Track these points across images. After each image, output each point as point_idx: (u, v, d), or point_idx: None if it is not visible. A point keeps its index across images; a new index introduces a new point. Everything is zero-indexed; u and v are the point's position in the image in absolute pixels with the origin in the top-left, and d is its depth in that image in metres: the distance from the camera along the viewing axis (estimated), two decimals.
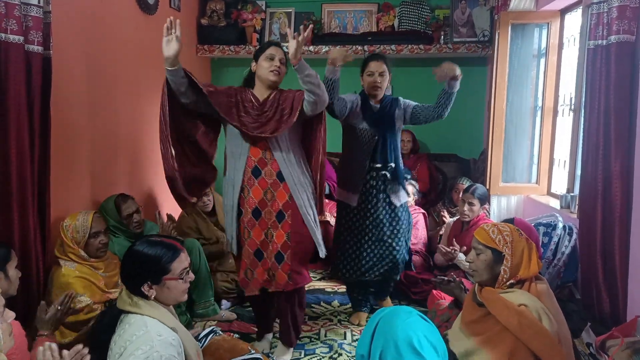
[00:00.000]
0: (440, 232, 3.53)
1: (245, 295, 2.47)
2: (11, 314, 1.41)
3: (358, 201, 2.72)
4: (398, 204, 2.75)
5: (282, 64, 2.37)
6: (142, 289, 1.63)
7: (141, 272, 1.64)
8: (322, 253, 2.47)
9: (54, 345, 1.42)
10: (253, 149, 2.34)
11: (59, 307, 1.90)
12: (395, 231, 2.77)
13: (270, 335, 2.66)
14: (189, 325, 2.68)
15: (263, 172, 2.35)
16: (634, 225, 2.30)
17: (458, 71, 2.54)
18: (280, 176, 2.35)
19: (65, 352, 1.43)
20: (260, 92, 2.39)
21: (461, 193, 3.24)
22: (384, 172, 2.69)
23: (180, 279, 1.69)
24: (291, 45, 2.21)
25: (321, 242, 2.46)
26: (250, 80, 2.45)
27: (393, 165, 2.71)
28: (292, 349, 2.54)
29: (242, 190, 2.36)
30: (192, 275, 1.74)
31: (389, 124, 2.70)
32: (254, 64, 2.41)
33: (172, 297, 1.70)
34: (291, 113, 2.32)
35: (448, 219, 3.54)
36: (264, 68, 2.34)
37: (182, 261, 1.70)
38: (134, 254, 1.68)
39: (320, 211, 2.51)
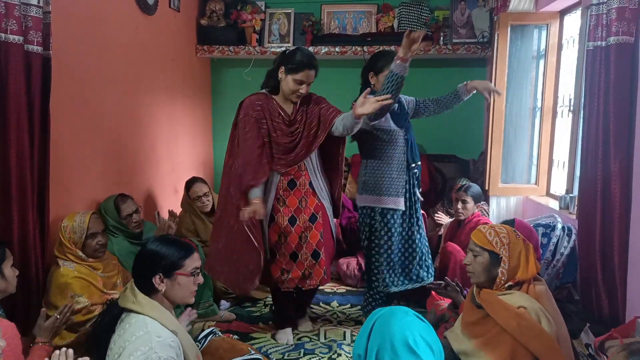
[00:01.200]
0: (440, 233, 3.54)
1: (282, 290, 2.59)
2: (2, 343, 1.39)
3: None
4: (420, 197, 2.85)
5: (309, 85, 2.42)
6: (153, 281, 1.65)
7: (154, 264, 1.66)
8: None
9: (70, 352, 1.42)
10: None
11: (57, 317, 1.89)
12: (422, 227, 2.84)
13: (290, 330, 2.72)
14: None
15: (298, 184, 2.52)
16: (633, 226, 2.30)
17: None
18: (311, 185, 2.55)
19: None
20: (284, 102, 2.47)
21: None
22: (415, 170, 2.73)
23: (191, 276, 1.72)
24: (365, 109, 2.22)
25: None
26: (275, 81, 2.45)
27: (419, 162, 2.76)
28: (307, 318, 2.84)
29: (277, 200, 2.51)
30: (201, 278, 1.77)
31: (408, 121, 2.73)
32: (282, 71, 2.39)
33: (180, 295, 1.72)
34: (317, 133, 2.46)
35: (443, 221, 3.56)
36: (289, 88, 2.39)
37: (195, 260, 1.74)
38: (149, 249, 1.70)
39: (337, 215, 2.73)
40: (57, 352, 1.42)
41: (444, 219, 3.56)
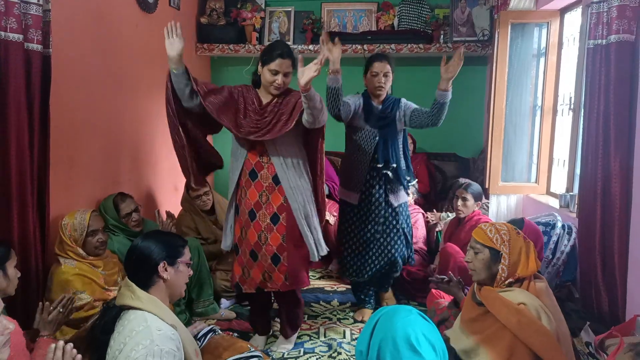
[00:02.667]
0: (437, 229, 3.55)
1: (243, 292, 2.48)
2: (11, 326, 1.39)
3: (359, 200, 2.74)
4: (396, 204, 2.76)
5: (287, 76, 2.32)
6: (158, 269, 1.67)
7: (158, 253, 1.69)
8: (315, 257, 2.46)
9: (69, 347, 1.41)
10: (251, 152, 2.37)
11: (60, 310, 1.90)
12: (394, 230, 2.77)
13: (264, 338, 2.65)
14: (188, 324, 2.68)
15: (259, 175, 2.38)
16: (633, 225, 2.30)
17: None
18: (275, 179, 2.37)
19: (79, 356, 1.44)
20: (264, 94, 2.39)
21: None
22: (385, 171, 2.69)
23: (189, 265, 1.77)
24: (305, 75, 2.10)
25: (315, 247, 2.45)
26: (256, 76, 2.43)
27: (395, 165, 2.70)
28: (291, 339, 2.62)
29: (240, 190, 2.42)
30: (191, 271, 1.82)
31: (390, 125, 2.71)
32: (260, 65, 2.36)
33: (181, 283, 1.76)
34: (289, 119, 2.30)
35: (430, 217, 3.60)
36: (266, 80, 2.32)
37: (188, 251, 1.80)
38: (147, 242, 1.71)
39: (321, 220, 2.54)
40: (53, 345, 1.41)
41: (433, 217, 3.61)
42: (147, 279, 1.67)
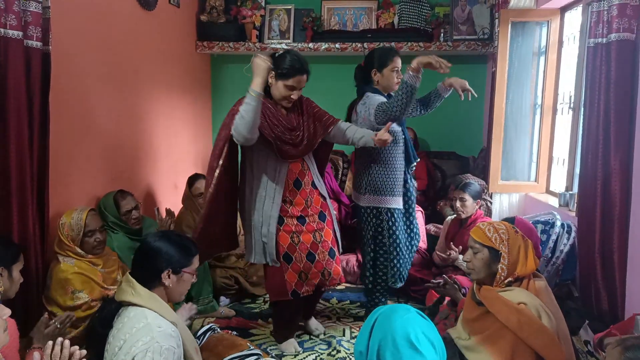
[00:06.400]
0: (440, 227, 3.54)
1: (300, 297, 2.46)
2: (7, 311, 1.41)
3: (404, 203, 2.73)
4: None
5: (300, 90, 2.37)
6: (162, 276, 1.66)
7: (165, 260, 1.67)
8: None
9: (67, 342, 1.43)
10: (294, 163, 2.45)
11: (58, 326, 1.90)
12: (416, 224, 2.83)
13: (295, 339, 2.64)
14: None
15: (303, 183, 2.49)
16: (632, 224, 2.30)
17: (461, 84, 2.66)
18: (313, 184, 2.55)
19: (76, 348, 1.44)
20: (277, 105, 2.41)
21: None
22: (413, 167, 2.78)
23: (192, 275, 1.76)
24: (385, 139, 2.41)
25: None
26: (268, 89, 2.36)
27: (418, 160, 2.79)
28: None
29: (284, 202, 2.44)
30: (196, 278, 1.81)
31: (403, 122, 2.68)
32: (271, 76, 2.29)
33: (181, 291, 1.75)
34: (315, 136, 2.47)
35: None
36: (280, 93, 2.33)
37: (197, 259, 1.78)
38: (158, 245, 1.70)
39: None
40: (50, 342, 1.42)
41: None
42: (149, 281, 1.67)
